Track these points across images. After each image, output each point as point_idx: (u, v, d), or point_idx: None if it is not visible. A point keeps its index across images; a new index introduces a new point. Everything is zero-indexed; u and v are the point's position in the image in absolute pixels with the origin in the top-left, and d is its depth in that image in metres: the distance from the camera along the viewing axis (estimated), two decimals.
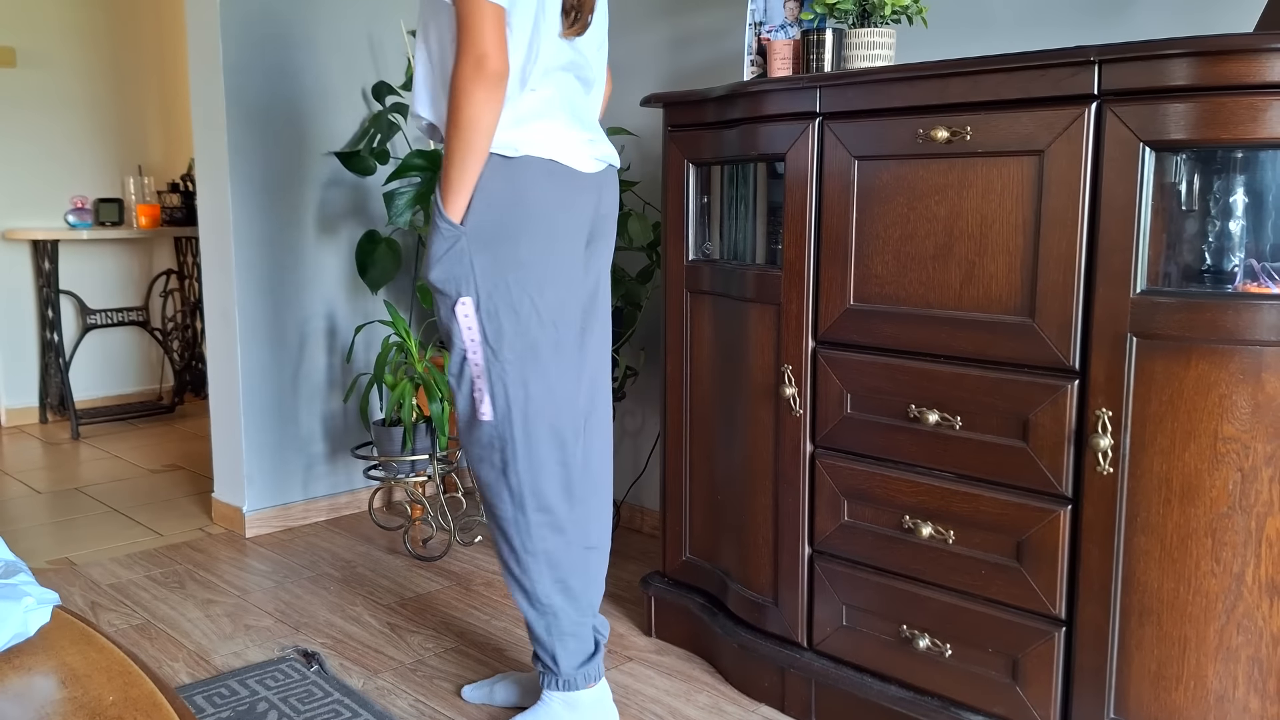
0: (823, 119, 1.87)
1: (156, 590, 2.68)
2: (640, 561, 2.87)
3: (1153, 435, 1.52)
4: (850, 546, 1.91)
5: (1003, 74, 1.61)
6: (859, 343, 1.86)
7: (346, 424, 3.35)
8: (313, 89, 3.15)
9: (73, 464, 4.01)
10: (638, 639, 2.38)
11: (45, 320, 4.64)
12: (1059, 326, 1.59)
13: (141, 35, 4.97)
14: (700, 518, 2.26)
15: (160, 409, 4.85)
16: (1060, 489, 1.62)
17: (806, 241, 1.91)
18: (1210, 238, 1.54)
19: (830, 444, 1.92)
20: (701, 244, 2.22)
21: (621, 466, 3.19)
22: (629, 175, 3.00)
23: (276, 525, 3.18)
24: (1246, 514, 1.46)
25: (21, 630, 0.96)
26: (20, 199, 4.64)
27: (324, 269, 3.24)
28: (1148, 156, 1.49)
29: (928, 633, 1.81)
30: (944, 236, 1.71)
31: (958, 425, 1.73)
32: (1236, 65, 1.40)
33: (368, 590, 2.68)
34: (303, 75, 3.13)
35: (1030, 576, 1.67)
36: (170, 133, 5.09)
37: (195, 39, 3.06)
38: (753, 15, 2.29)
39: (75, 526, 3.23)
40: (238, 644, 2.36)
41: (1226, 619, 1.49)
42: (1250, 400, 1.44)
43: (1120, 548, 1.56)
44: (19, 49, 4.57)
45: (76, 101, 4.78)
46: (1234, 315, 1.44)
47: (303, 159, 3.16)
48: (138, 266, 4.98)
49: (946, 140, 1.68)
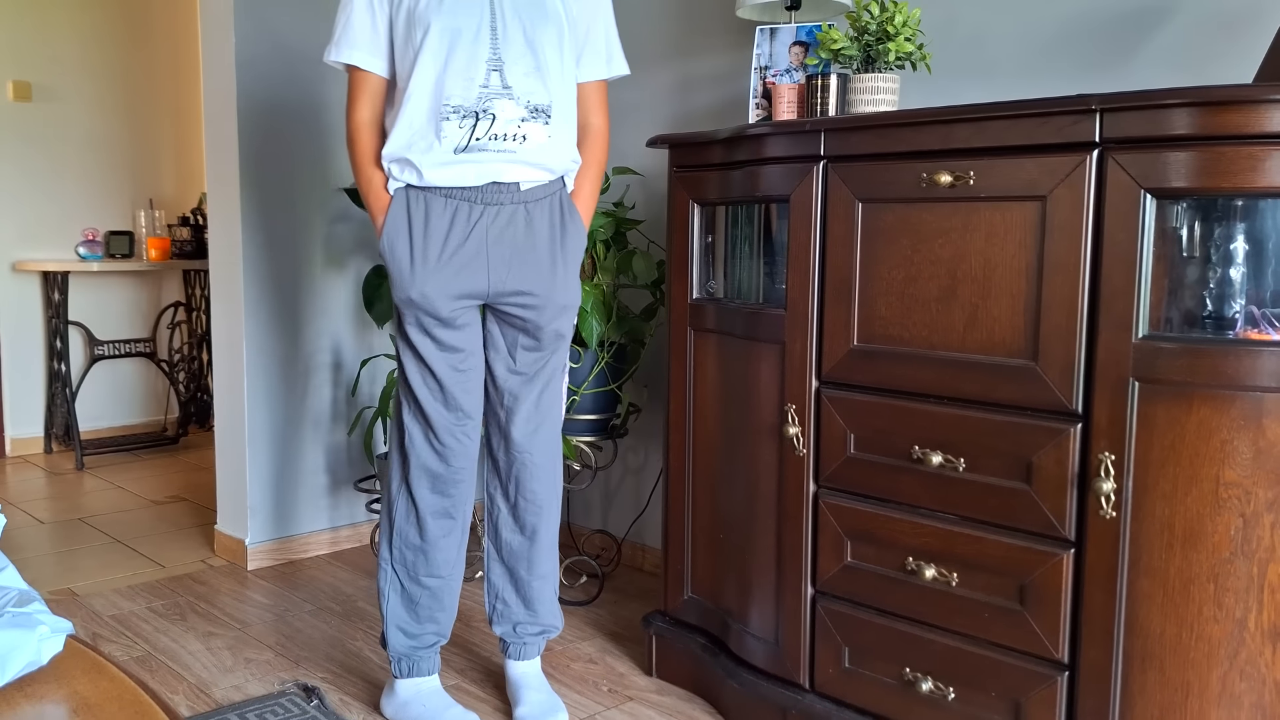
0: (827, 162, 1.89)
1: (157, 622, 2.68)
2: (641, 600, 2.87)
3: (1155, 480, 1.52)
4: (853, 588, 1.92)
5: (1006, 120, 1.64)
6: (863, 383, 1.87)
7: (350, 457, 3.36)
8: (324, 126, 3.19)
9: (76, 494, 4.01)
10: (638, 678, 2.37)
11: (53, 350, 4.66)
12: (1062, 370, 1.60)
13: (156, 71, 5.03)
14: (702, 556, 2.27)
15: (165, 440, 4.86)
16: (1063, 532, 1.62)
17: (811, 282, 1.93)
18: (1211, 284, 1.56)
19: (833, 484, 1.93)
20: (706, 283, 2.24)
21: (623, 504, 3.19)
22: (634, 214, 3.02)
23: (279, 558, 3.19)
24: (1248, 559, 1.47)
25: (35, 659, 0.97)
26: (32, 231, 4.68)
27: (331, 303, 3.26)
28: (1149, 204, 1.51)
29: (931, 675, 1.81)
30: (948, 279, 1.73)
31: (961, 467, 1.74)
32: (1236, 115, 1.42)
33: (368, 624, 2.68)
34: (315, 112, 3.17)
35: (1033, 620, 1.67)
36: (182, 167, 5.14)
37: (210, 75, 3.11)
38: (758, 60, 2.33)
39: (78, 557, 3.23)
40: (238, 677, 2.36)
41: (1229, 665, 1.50)
42: (1252, 446, 1.46)
43: (1123, 592, 1.57)
44: (35, 84, 4.63)
45: (90, 136, 4.83)
46: (1235, 361, 1.45)
47: (313, 194, 3.19)
48: (146, 298, 5.01)
49: (950, 184, 1.71)
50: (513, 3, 1.91)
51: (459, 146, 1.88)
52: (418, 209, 1.93)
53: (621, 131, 3.03)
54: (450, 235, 1.92)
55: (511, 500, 2.12)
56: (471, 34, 1.88)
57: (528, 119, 1.91)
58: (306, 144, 3.16)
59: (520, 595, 2.17)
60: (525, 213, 1.96)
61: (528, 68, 1.91)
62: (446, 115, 1.88)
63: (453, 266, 1.93)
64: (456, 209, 1.92)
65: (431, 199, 1.92)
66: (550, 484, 2.13)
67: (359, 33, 1.94)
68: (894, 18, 2.02)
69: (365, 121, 1.98)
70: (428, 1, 1.88)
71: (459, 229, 1.92)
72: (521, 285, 1.98)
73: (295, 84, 3.12)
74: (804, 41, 2.29)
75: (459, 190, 1.92)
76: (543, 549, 2.16)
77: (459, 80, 1.87)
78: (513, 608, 2.18)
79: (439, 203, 1.92)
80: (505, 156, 1.90)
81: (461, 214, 1.92)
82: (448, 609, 2.14)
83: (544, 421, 2.10)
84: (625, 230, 2.77)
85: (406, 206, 1.93)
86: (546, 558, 2.17)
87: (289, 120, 3.12)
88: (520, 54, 1.91)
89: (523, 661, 2.21)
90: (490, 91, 1.88)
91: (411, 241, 1.93)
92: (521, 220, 1.96)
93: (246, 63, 3.02)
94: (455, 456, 2.05)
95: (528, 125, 1.91)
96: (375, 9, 1.94)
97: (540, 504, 2.12)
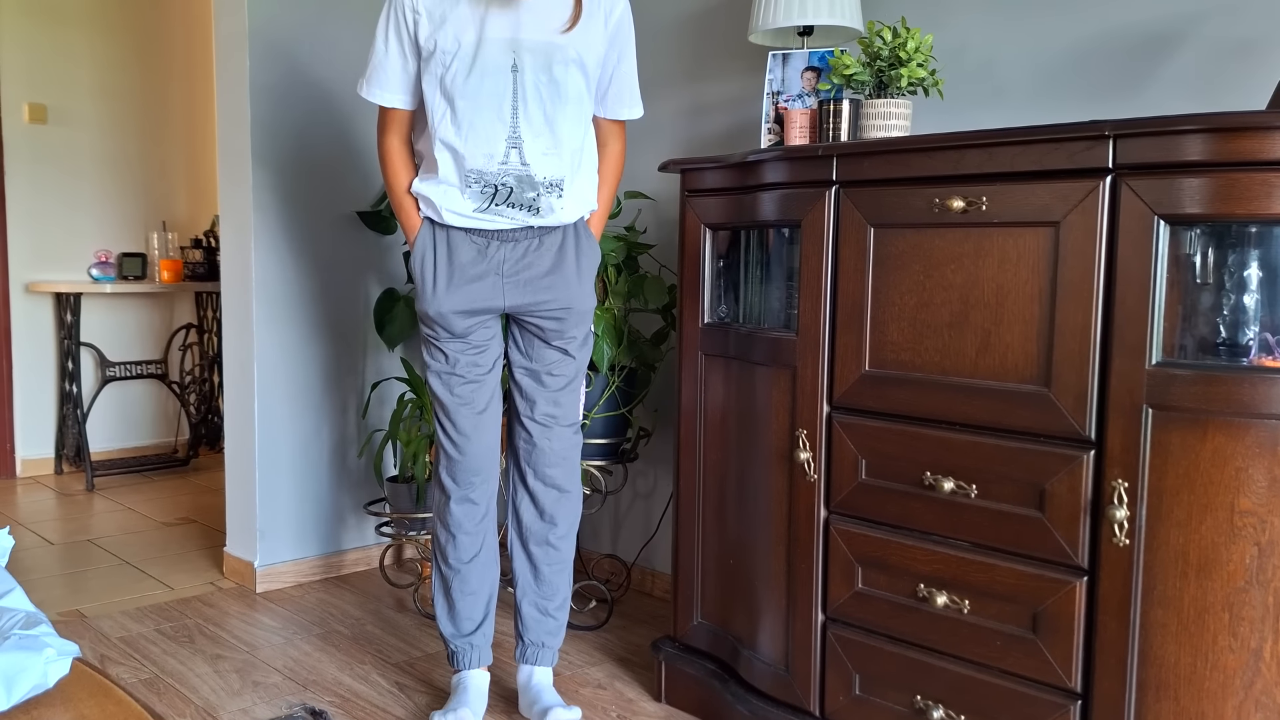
0: (839, 187, 1.89)
1: (166, 644, 2.68)
2: (651, 625, 2.85)
3: (1169, 507, 1.51)
4: (864, 614, 1.90)
5: (1018, 146, 1.64)
6: (874, 409, 1.86)
7: (360, 480, 3.35)
8: (336, 149, 3.21)
9: (86, 515, 4.01)
10: (647, 704, 2.36)
11: (65, 372, 4.68)
12: (1075, 396, 1.59)
13: (170, 94, 5.07)
14: (712, 582, 2.25)
15: (175, 462, 4.86)
16: (1077, 560, 1.61)
17: (822, 307, 1.92)
18: (1225, 311, 1.55)
19: (844, 510, 1.92)
20: (717, 307, 2.24)
21: (633, 528, 3.18)
22: (646, 238, 3.03)
23: (287, 580, 3.18)
24: (1264, 589, 1.46)
25: (41, 682, 0.96)
26: (45, 252, 4.71)
27: (342, 325, 3.27)
28: (1162, 230, 1.50)
29: (942, 704, 1.79)
30: (960, 305, 1.73)
31: (973, 493, 1.73)
32: (1250, 142, 1.42)
33: (376, 648, 2.67)
34: (327, 136, 3.19)
35: (1046, 649, 1.65)
36: (195, 190, 5.17)
37: (224, 99, 3.13)
38: (771, 84, 2.33)
39: (87, 578, 3.23)
40: (245, 700, 2.35)
41: (1244, 695, 1.48)
42: (1267, 474, 1.44)
43: (1137, 621, 1.55)
44: (50, 106, 4.67)
45: (105, 158, 4.87)
46: (1250, 389, 1.44)
47: (325, 217, 3.20)
48: (158, 320, 5.03)
49: (962, 210, 1.70)
50: (534, 79, 2.00)
51: (479, 208, 2.05)
52: (442, 241, 2.08)
53: (634, 156, 3.04)
54: (470, 264, 2.07)
55: (529, 486, 2.23)
56: (494, 111, 2.00)
57: (544, 194, 2.04)
58: (319, 167, 3.18)
59: (537, 579, 2.27)
60: (539, 242, 2.10)
61: (545, 147, 2.03)
62: (469, 181, 2.02)
63: (472, 293, 2.08)
64: (476, 242, 2.07)
65: (454, 234, 2.07)
66: (568, 472, 2.24)
67: (390, 75, 2.06)
68: (906, 44, 2.03)
69: (395, 148, 2.13)
70: (454, 74, 1.98)
71: (480, 259, 2.08)
72: (542, 305, 2.11)
73: (308, 108, 3.14)
74: (816, 67, 2.29)
75: (479, 231, 2.07)
76: (561, 536, 2.26)
77: (479, 153, 2.01)
78: (529, 594, 2.28)
79: (460, 235, 2.07)
80: (524, 216, 2.06)
81: (481, 246, 2.07)
82: (479, 595, 2.26)
83: (563, 414, 2.22)
84: (637, 254, 2.78)
85: (433, 236, 2.08)
86: (564, 545, 2.27)
87: (302, 144, 3.13)
88: (539, 133, 2.02)
89: (538, 668, 2.28)
90: (509, 168, 2.02)
91: (436, 265, 2.07)
92: (535, 246, 2.09)
93: (260, 87, 3.04)
94: (471, 444, 2.18)
95: (544, 199, 2.05)
96: (406, 54, 2.04)
97: (559, 488, 2.23)
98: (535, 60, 1.99)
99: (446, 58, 1.97)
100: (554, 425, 2.20)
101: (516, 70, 1.99)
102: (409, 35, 2.01)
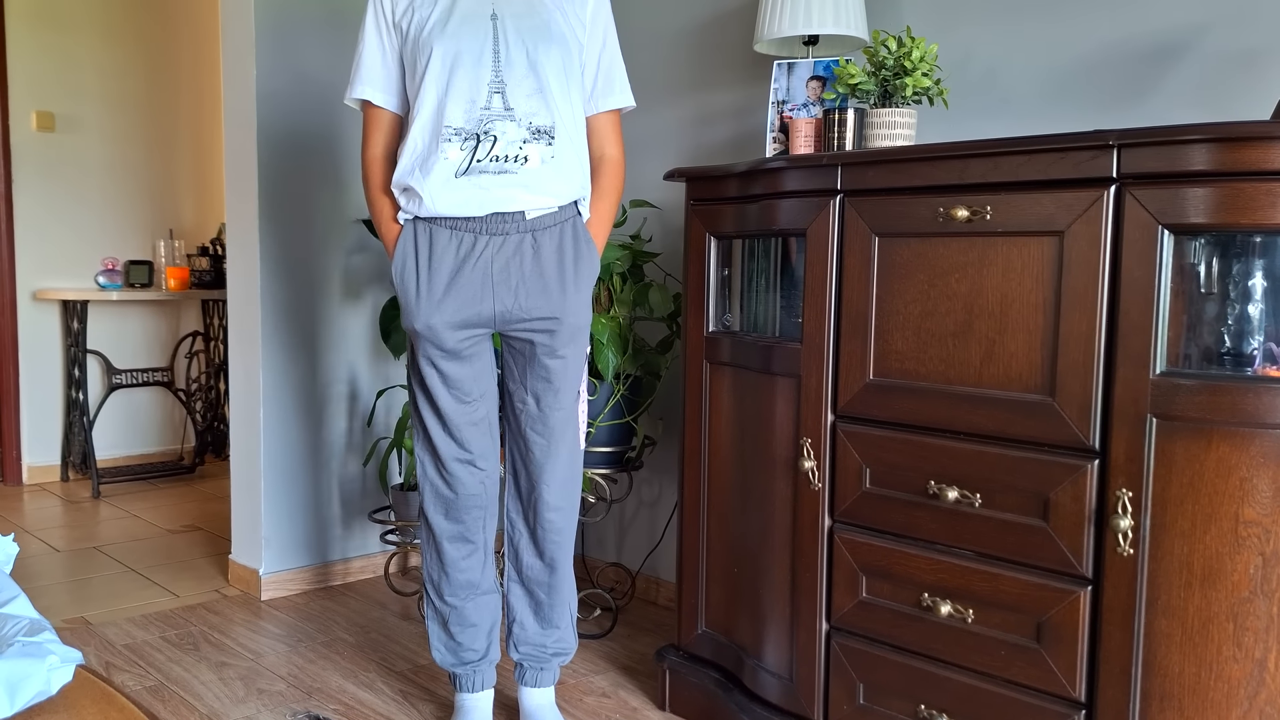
0: (844, 196, 1.90)
1: (171, 651, 2.68)
2: (655, 634, 2.85)
3: (1173, 517, 1.51)
4: (868, 624, 1.90)
5: (1023, 155, 1.64)
6: (879, 418, 1.86)
7: (365, 488, 3.36)
8: (343, 158, 3.22)
9: (92, 523, 4.02)
10: (652, 713, 2.35)
11: (71, 379, 4.69)
12: (1079, 406, 1.59)
13: (178, 103, 5.09)
14: (716, 590, 2.25)
15: (181, 469, 4.87)
16: (1081, 570, 1.61)
17: (827, 316, 1.93)
18: (1229, 320, 1.55)
19: (849, 519, 1.92)
20: (722, 316, 2.24)
21: (637, 536, 3.18)
22: (651, 247, 3.03)
23: (292, 588, 3.18)
24: (1268, 599, 1.45)
25: (44, 689, 0.96)
26: (52, 260, 4.72)
27: (348, 333, 3.28)
28: (1167, 239, 1.50)
29: (946, 713, 1.79)
30: (964, 314, 1.73)
31: (977, 503, 1.73)
32: (1255, 151, 1.42)
33: (381, 656, 2.67)
34: (334, 144, 3.20)
35: (1050, 658, 1.65)
36: (202, 198, 5.19)
37: (231, 107, 3.14)
38: (775, 94, 2.34)
39: (92, 585, 3.23)
40: (250, 708, 2.35)
41: (1249, 705, 1.47)
42: (1271, 484, 1.44)
43: (1141, 630, 1.55)
44: (58, 114, 4.69)
45: (112, 166, 4.88)
46: (1255, 398, 1.44)
47: (331, 225, 3.21)
48: (165, 328, 5.04)
49: (967, 219, 1.71)
50: (516, 25, 1.93)
51: (459, 169, 1.90)
52: (424, 241, 1.95)
53: (638, 165, 3.04)
54: (455, 267, 1.95)
55: (531, 525, 2.14)
56: (474, 57, 1.90)
57: (529, 140, 1.92)
58: (325, 176, 3.19)
59: (538, 617, 2.19)
60: (533, 241, 1.97)
61: (530, 89, 1.93)
62: (448, 138, 1.90)
63: (458, 298, 1.95)
64: (461, 240, 1.94)
65: (437, 231, 1.95)
66: (567, 511, 2.14)
67: (370, 70, 2.00)
68: (911, 53, 2.03)
69: (377, 156, 2.03)
70: (431, 26, 1.92)
71: (464, 260, 1.94)
72: (531, 311, 1.98)
73: (315, 116, 3.15)
74: (821, 76, 2.30)
75: (463, 221, 1.94)
76: (561, 574, 2.17)
77: (461, 103, 1.90)
78: (529, 631, 2.19)
79: (444, 234, 1.94)
80: (506, 179, 1.91)
81: (466, 245, 1.94)
82: (480, 628, 2.16)
83: (559, 446, 2.10)
84: (642, 263, 2.78)
85: (414, 238, 1.96)
86: (564, 582, 2.19)
87: (308, 152, 3.15)
88: (523, 76, 1.92)
89: (538, 690, 2.21)
90: (492, 113, 1.90)
91: (418, 273, 1.95)
92: (529, 249, 1.96)
93: (267, 95, 3.05)
94: (463, 484, 2.07)
95: (529, 147, 1.91)
96: (385, 46, 1.99)
97: (558, 529, 2.13)
98: (514, 7, 1.95)
99: (424, 20, 1.93)
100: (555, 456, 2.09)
101: (496, 18, 1.93)
102: (387, 23, 1.98)
